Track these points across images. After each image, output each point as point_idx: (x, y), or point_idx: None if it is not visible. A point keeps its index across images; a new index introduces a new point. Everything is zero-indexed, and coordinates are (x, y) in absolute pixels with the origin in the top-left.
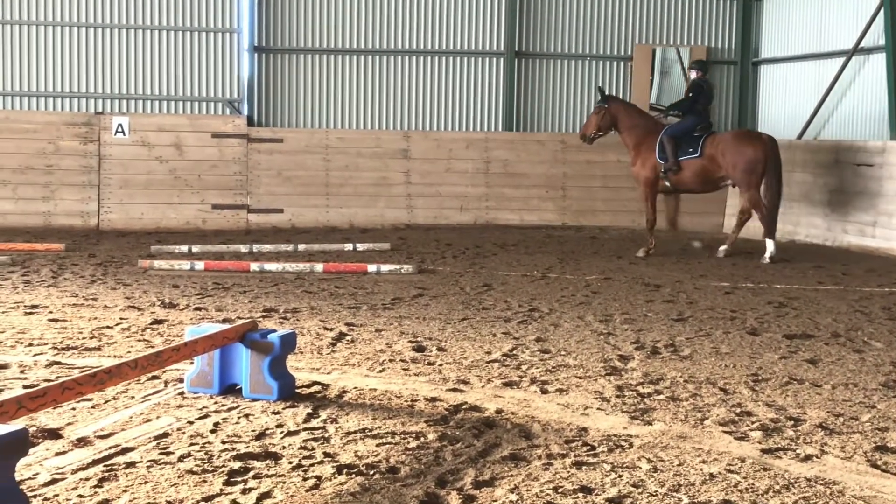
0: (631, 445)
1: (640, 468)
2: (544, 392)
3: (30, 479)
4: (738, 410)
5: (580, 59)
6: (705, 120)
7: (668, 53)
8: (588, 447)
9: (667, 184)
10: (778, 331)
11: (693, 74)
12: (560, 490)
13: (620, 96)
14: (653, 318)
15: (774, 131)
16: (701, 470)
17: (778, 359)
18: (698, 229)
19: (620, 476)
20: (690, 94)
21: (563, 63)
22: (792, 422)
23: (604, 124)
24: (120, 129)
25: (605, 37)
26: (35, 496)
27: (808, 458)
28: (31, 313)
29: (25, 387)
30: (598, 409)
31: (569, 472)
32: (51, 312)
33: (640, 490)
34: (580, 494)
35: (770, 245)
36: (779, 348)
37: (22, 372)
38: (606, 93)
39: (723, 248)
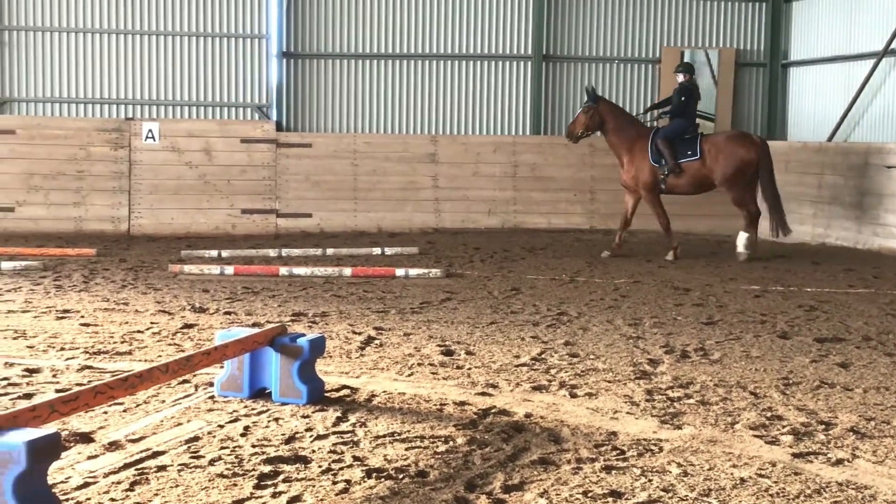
0: (661, 450)
1: (671, 472)
2: (573, 396)
3: (62, 482)
4: (769, 414)
5: (608, 63)
6: (693, 122)
7: (696, 56)
8: (618, 451)
9: (662, 187)
10: (808, 334)
11: (680, 77)
12: (590, 494)
13: (650, 100)
14: (682, 322)
15: (804, 134)
16: (731, 474)
17: (809, 362)
18: (727, 232)
19: (650, 480)
20: (682, 98)
21: (592, 66)
22: (823, 426)
23: (592, 124)
24: (150, 135)
25: (633, 40)
26: (67, 499)
27: (839, 462)
28: (62, 318)
29: (58, 391)
30: (627, 413)
31: (598, 476)
32: (82, 317)
33: (670, 495)
34: (610, 499)
35: (742, 238)
36: (809, 352)
37: (54, 376)
38: (598, 93)
39: (742, 251)
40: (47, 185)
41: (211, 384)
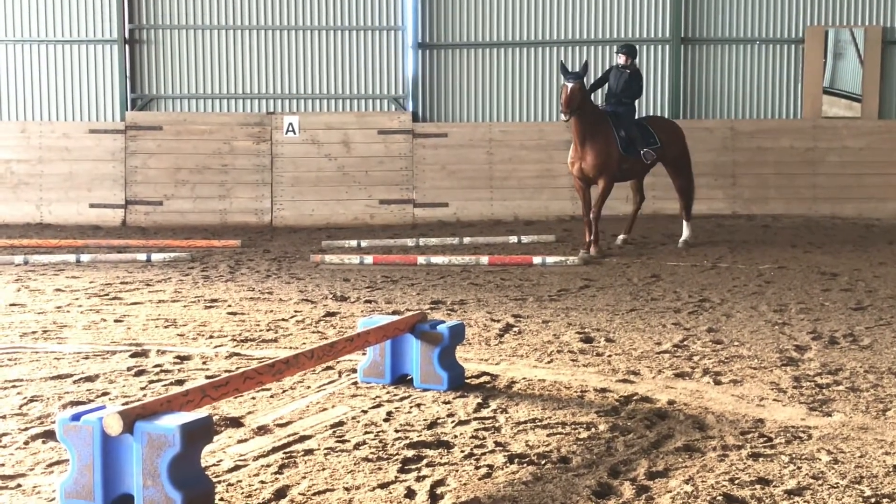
0: (810, 437)
1: (820, 460)
2: (717, 383)
3: (214, 465)
4: None
5: (749, 44)
6: None
7: (841, 35)
8: (765, 439)
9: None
10: None
11: (624, 59)
12: (737, 481)
13: (792, 81)
14: (830, 308)
15: None
16: (884, 462)
17: None
18: (876, 215)
19: (799, 468)
20: (641, 83)
21: (731, 48)
22: None
23: (581, 102)
24: (290, 128)
25: (774, 19)
26: (219, 481)
27: None
28: (211, 307)
29: (208, 377)
30: (774, 400)
31: (745, 463)
32: (229, 306)
33: (820, 482)
34: (758, 486)
35: (688, 227)
36: None
37: (204, 363)
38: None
39: (621, 236)
40: (193, 179)
41: (354, 371)
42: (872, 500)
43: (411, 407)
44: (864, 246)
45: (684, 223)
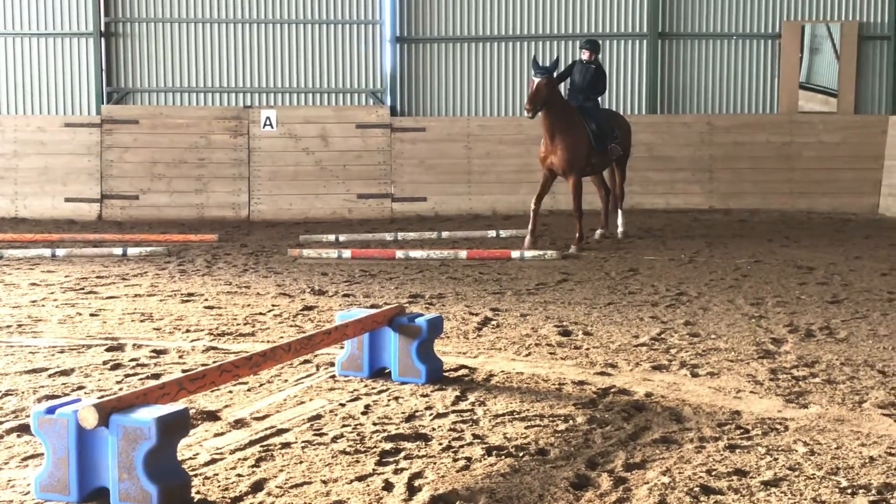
0: (786, 429)
1: (797, 451)
2: (695, 375)
3: (190, 458)
4: None
5: (726, 39)
6: None
7: (817, 30)
8: (741, 430)
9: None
10: None
11: (588, 55)
12: (714, 473)
13: (769, 76)
14: (806, 301)
15: None
16: (860, 453)
17: None
18: (852, 210)
19: (776, 459)
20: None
21: (708, 43)
22: None
23: (548, 98)
24: (268, 122)
25: (751, 14)
26: (196, 475)
27: None
28: (187, 301)
29: (184, 371)
30: (751, 392)
31: (722, 455)
32: (206, 300)
33: (796, 473)
34: (734, 477)
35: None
36: None
37: (180, 357)
38: (543, 65)
39: (599, 230)
40: (170, 173)
41: (332, 364)
42: (849, 491)
43: (389, 400)
44: (839, 240)
45: (620, 213)
